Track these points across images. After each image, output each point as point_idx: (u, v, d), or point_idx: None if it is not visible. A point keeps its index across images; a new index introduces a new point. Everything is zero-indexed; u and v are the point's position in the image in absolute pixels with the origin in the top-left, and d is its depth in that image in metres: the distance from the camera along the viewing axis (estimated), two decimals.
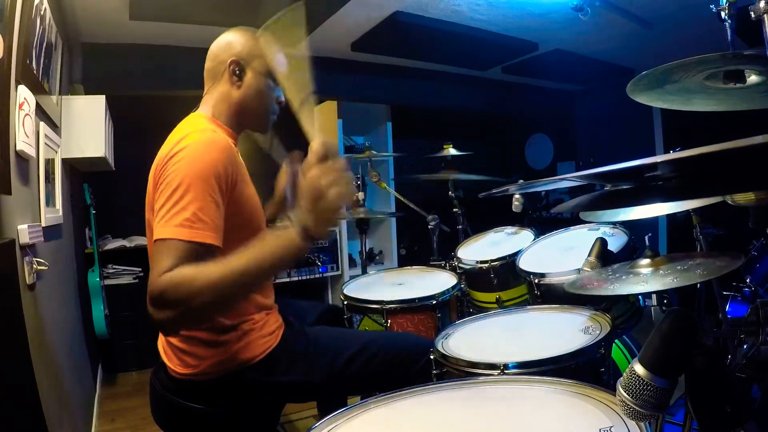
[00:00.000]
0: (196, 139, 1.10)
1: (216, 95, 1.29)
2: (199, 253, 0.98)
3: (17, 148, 1.39)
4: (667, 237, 4.61)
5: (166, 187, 1.03)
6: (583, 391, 0.88)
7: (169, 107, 2.64)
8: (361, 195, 2.72)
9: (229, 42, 1.30)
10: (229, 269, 0.93)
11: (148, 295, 0.92)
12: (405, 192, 2.79)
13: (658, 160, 0.55)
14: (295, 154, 1.54)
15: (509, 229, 2.26)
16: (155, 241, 0.98)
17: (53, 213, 1.87)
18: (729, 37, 1.22)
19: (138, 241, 3.54)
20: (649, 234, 1.21)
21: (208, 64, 1.32)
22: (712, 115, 1.30)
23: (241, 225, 1.17)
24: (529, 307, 1.57)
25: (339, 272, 3.93)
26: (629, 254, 1.57)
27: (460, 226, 2.54)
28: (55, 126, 2.13)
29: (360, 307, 1.77)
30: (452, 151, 2.60)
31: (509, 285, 1.91)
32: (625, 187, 0.75)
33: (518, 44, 3.97)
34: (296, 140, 1.21)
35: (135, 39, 3.38)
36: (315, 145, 0.96)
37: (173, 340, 1.20)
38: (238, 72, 1.28)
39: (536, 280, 1.62)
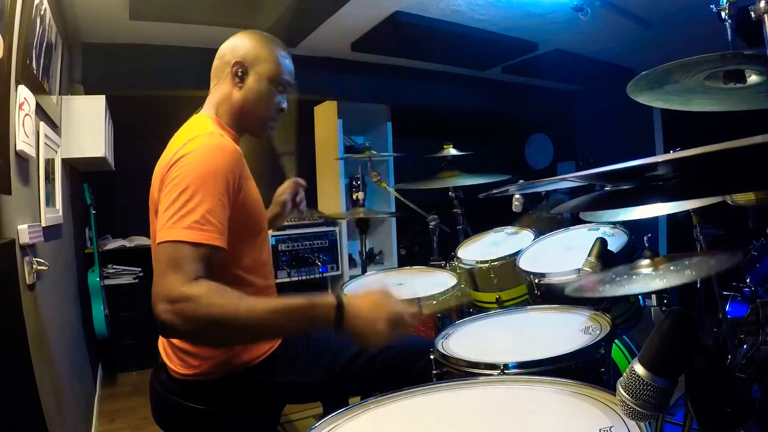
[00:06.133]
0: (205, 142, 1.09)
1: (218, 95, 1.30)
2: (206, 255, 0.98)
3: (17, 148, 1.39)
4: (667, 237, 4.61)
5: (173, 189, 1.03)
6: (583, 391, 0.88)
7: (169, 107, 2.64)
8: (361, 195, 2.72)
9: (236, 43, 1.30)
10: (258, 312, 0.95)
11: (161, 296, 0.91)
12: (405, 191, 2.79)
13: (658, 160, 0.55)
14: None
15: (509, 229, 2.26)
16: (163, 242, 0.98)
17: (53, 213, 1.87)
18: (729, 37, 1.22)
19: (138, 241, 3.54)
20: (649, 234, 1.21)
21: (214, 63, 1.33)
22: (712, 115, 1.30)
23: (244, 227, 1.18)
24: (529, 307, 1.57)
25: (339, 272, 3.93)
26: (629, 254, 1.57)
27: (460, 226, 2.54)
28: (55, 126, 2.13)
29: None
30: (452, 151, 2.59)
31: (509, 285, 1.91)
32: (625, 187, 0.75)
33: (518, 44, 3.98)
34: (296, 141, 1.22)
35: (135, 39, 3.38)
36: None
37: (174, 341, 1.20)
38: (240, 74, 1.28)
39: (536, 280, 1.62)
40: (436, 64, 4.47)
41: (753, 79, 1.07)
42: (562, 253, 1.80)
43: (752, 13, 1.06)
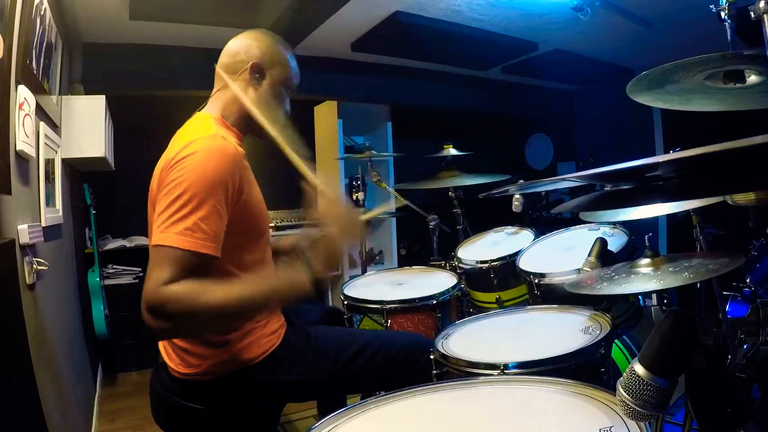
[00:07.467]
0: (205, 146, 1.08)
1: (229, 94, 1.27)
2: (197, 263, 0.98)
3: (17, 148, 1.39)
4: (667, 237, 4.61)
5: (170, 192, 1.02)
6: (583, 391, 0.88)
7: (169, 107, 2.64)
8: (361, 195, 2.72)
9: (251, 43, 1.29)
10: (234, 295, 0.95)
11: (146, 302, 0.92)
12: (405, 191, 2.79)
13: (659, 160, 0.55)
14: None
15: (509, 229, 2.26)
16: (154, 246, 0.98)
17: (53, 213, 1.87)
18: (729, 37, 1.22)
19: (138, 241, 3.54)
20: (649, 234, 1.21)
21: (224, 60, 1.30)
22: (712, 115, 1.30)
23: (246, 229, 1.17)
24: (529, 307, 1.57)
25: (339, 272, 3.92)
26: (629, 254, 1.57)
27: (460, 226, 2.54)
28: (55, 126, 2.13)
29: (360, 307, 1.77)
30: (452, 151, 2.59)
31: (509, 285, 1.91)
32: (625, 187, 0.75)
33: (518, 44, 3.97)
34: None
35: (135, 39, 3.38)
36: (328, 199, 1.01)
37: (175, 340, 1.20)
38: (257, 75, 1.27)
39: (536, 280, 1.62)
40: (436, 64, 4.46)
41: (753, 79, 1.07)
42: (562, 253, 1.81)
43: (752, 13, 1.06)
